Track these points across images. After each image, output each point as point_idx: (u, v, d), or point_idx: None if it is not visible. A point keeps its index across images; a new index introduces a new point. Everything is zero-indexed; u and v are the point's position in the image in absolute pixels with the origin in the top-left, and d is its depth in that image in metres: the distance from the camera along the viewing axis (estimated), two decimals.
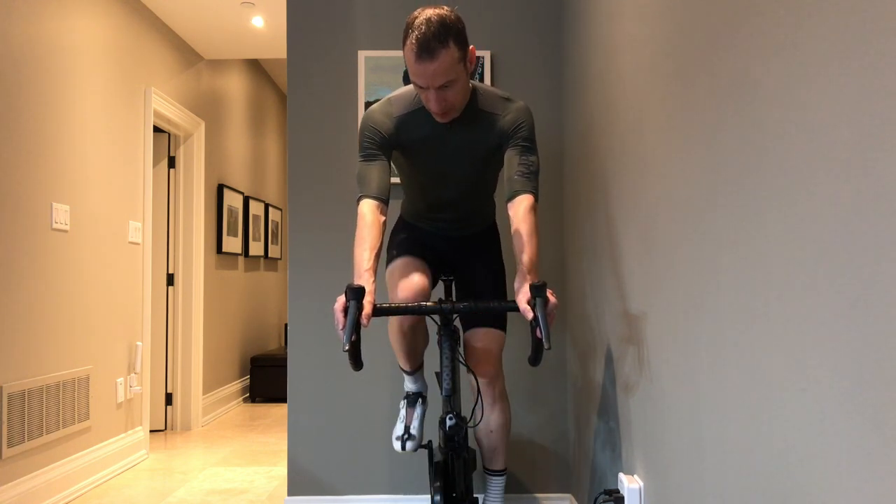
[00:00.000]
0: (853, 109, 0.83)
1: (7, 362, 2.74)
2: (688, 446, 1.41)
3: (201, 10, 4.16)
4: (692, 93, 1.36)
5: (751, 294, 1.11)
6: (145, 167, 3.99)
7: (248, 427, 4.72)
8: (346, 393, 2.75)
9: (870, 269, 0.80)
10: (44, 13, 3.03)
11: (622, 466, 1.93)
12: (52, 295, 3.04)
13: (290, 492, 2.73)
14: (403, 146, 1.92)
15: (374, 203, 1.80)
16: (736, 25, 1.16)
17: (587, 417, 2.39)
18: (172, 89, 4.43)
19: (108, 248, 3.55)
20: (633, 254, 1.80)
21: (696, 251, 1.35)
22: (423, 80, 1.71)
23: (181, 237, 4.65)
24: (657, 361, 1.61)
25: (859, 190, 0.82)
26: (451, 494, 1.84)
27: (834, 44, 0.87)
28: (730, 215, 1.19)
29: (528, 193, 1.81)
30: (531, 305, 1.63)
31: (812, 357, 0.93)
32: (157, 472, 3.60)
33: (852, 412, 0.84)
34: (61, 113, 3.15)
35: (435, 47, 1.65)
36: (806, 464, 0.95)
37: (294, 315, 2.77)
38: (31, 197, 2.91)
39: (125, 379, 3.71)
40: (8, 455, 2.71)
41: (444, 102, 1.76)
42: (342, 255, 2.77)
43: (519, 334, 2.76)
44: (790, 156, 0.98)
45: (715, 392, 1.26)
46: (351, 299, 1.60)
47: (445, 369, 1.82)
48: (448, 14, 1.69)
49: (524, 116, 1.87)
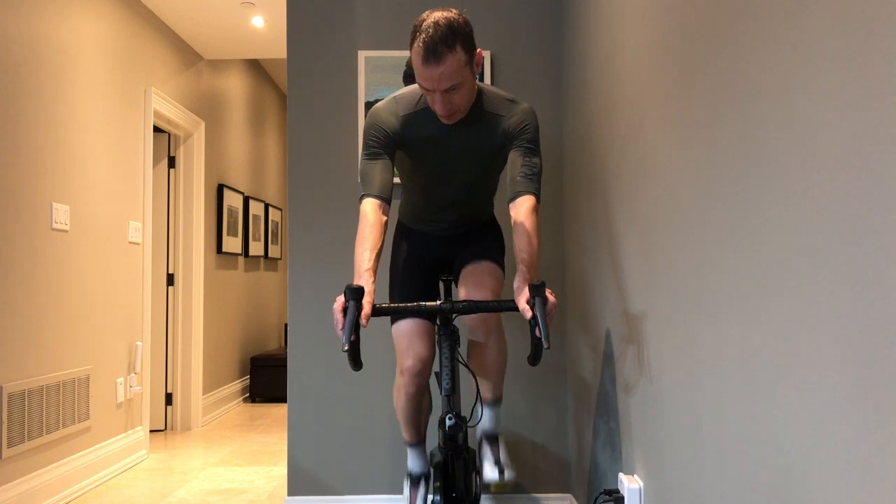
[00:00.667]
0: (853, 109, 0.83)
1: (7, 362, 2.74)
2: (688, 446, 1.41)
3: (201, 10, 4.16)
4: (692, 92, 1.36)
5: (751, 294, 1.11)
6: (145, 167, 3.99)
7: (248, 427, 4.72)
8: (346, 393, 2.75)
9: (870, 269, 0.80)
10: (44, 13, 3.03)
11: (622, 466, 1.93)
12: (52, 295, 3.04)
13: (290, 492, 2.74)
14: (408, 146, 1.91)
15: (377, 202, 1.80)
16: (736, 26, 1.16)
17: (587, 417, 2.39)
18: (172, 89, 4.43)
19: (108, 248, 3.55)
20: (633, 254, 1.80)
21: (696, 251, 1.35)
22: (429, 83, 1.71)
23: (181, 237, 4.65)
24: (657, 361, 1.61)
25: (859, 189, 0.81)
26: (451, 494, 1.84)
27: (834, 44, 0.87)
28: (730, 215, 1.18)
29: (530, 194, 1.81)
30: (530, 305, 1.63)
31: (812, 357, 0.92)
32: (157, 472, 3.60)
33: (852, 412, 0.84)
34: (61, 113, 3.15)
35: (442, 51, 1.65)
36: (806, 463, 0.95)
37: (294, 315, 2.77)
38: (31, 197, 2.91)
39: (125, 379, 3.71)
40: (8, 455, 2.71)
41: (450, 105, 1.76)
42: (342, 255, 2.77)
43: (519, 334, 2.76)
44: (790, 155, 0.98)
45: (715, 392, 1.26)
46: (350, 299, 1.60)
47: (445, 369, 1.82)
48: (456, 17, 1.69)
49: (529, 118, 1.88)
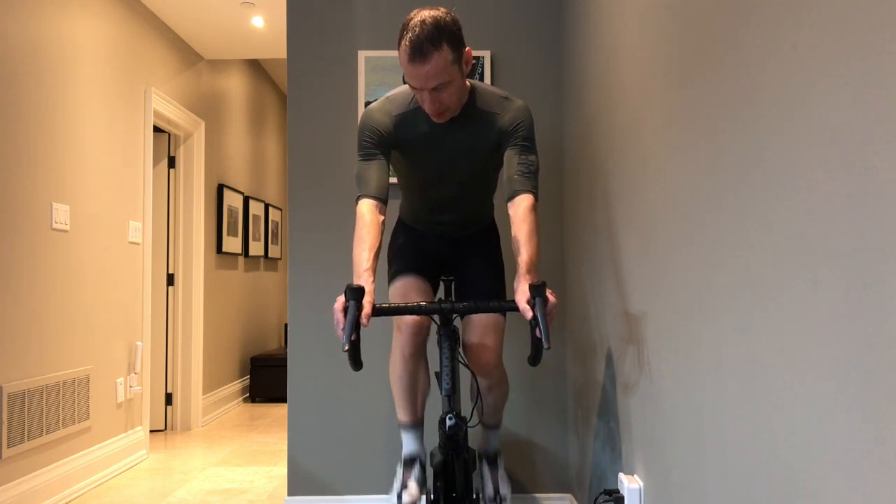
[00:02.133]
0: (853, 109, 0.83)
1: (7, 362, 2.74)
2: (688, 446, 1.41)
3: (201, 10, 4.16)
4: (692, 92, 1.36)
5: (751, 294, 1.11)
6: (145, 167, 3.99)
7: (248, 427, 4.72)
8: (346, 393, 2.75)
9: (870, 269, 0.80)
10: (44, 13, 3.03)
11: (622, 466, 1.93)
12: (52, 295, 3.04)
13: (290, 492, 2.74)
14: (402, 145, 1.91)
15: (373, 202, 1.80)
16: (736, 27, 1.16)
17: (587, 417, 2.39)
18: (172, 89, 4.43)
19: (108, 248, 3.55)
20: (633, 254, 1.80)
21: (696, 251, 1.35)
22: (416, 81, 1.71)
23: (181, 237, 4.65)
24: (657, 361, 1.61)
25: (859, 189, 0.81)
26: (451, 494, 1.84)
27: (834, 44, 0.87)
28: (730, 215, 1.19)
29: (528, 193, 1.80)
30: (530, 305, 1.63)
31: (812, 356, 0.93)
32: (157, 472, 3.60)
33: (852, 411, 0.84)
34: (61, 113, 3.15)
35: (428, 49, 1.65)
36: (806, 463, 0.95)
37: (294, 315, 2.77)
38: (31, 197, 2.91)
39: (125, 379, 3.71)
40: (8, 455, 2.71)
41: (439, 104, 1.77)
42: (342, 255, 2.77)
43: (518, 334, 2.76)
44: (790, 155, 0.98)
45: (715, 392, 1.26)
46: (350, 299, 1.60)
47: (445, 369, 1.82)
48: (443, 16, 1.69)
49: (523, 116, 1.87)
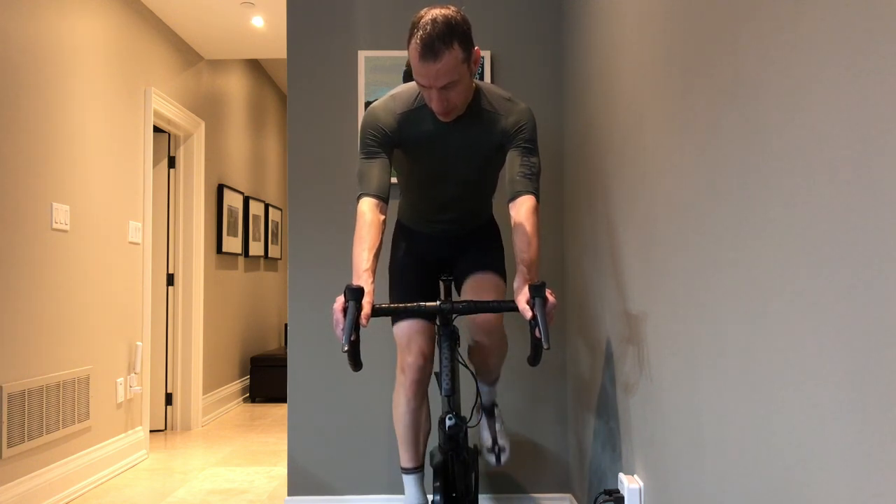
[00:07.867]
0: (853, 109, 0.82)
1: (7, 362, 2.74)
2: (688, 446, 1.41)
3: (201, 10, 4.16)
4: (692, 93, 1.36)
5: (751, 294, 1.11)
6: (145, 167, 3.99)
7: (248, 427, 4.72)
8: (346, 393, 2.75)
9: (870, 269, 0.80)
10: (44, 13, 3.03)
11: (622, 466, 1.93)
12: (52, 295, 3.04)
13: (290, 492, 2.73)
14: (406, 143, 1.92)
15: (374, 202, 1.80)
16: (736, 26, 1.16)
17: (587, 417, 2.39)
18: (172, 89, 4.43)
19: (108, 248, 3.55)
20: (633, 254, 1.80)
21: (696, 251, 1.35)
22: (426, 79, 1.72)
23: (181, 237, 4.65)
24: (657, 361, 1.61)
25: (859, 189, 0.81)
26: (451, 494, 1.84)
27: (834, 44, 0.86)
28: (730, 215, 1.18)
29: (529, 194, 1.81)
30: (530, 305, 1.63)
31: (812, 356, 0.92)
32: (157, 472, 3.60)
33: (852, 411, 0.84)
34: (61, 113, 3.14)
35: (439, 48, 1.66)
36: (806, 463, 0.95)
37: (294, 315, 2.76)
38: (31, 197, 2.91)
39: (125, 379, 3.71)
40: (8, 455, 2.71)
41: (447, 102, 1.77)
42: (342, 255, 2.77)
43: (519, 334, 2.76)
44: (790, 155, 0.98)
45: (715, 392, 1.26)
46: (350, 299, 1.60)
47: (445, 369, 1.82)
48: (454, 15, 1.69)
49: (527, 118, 1.88)
